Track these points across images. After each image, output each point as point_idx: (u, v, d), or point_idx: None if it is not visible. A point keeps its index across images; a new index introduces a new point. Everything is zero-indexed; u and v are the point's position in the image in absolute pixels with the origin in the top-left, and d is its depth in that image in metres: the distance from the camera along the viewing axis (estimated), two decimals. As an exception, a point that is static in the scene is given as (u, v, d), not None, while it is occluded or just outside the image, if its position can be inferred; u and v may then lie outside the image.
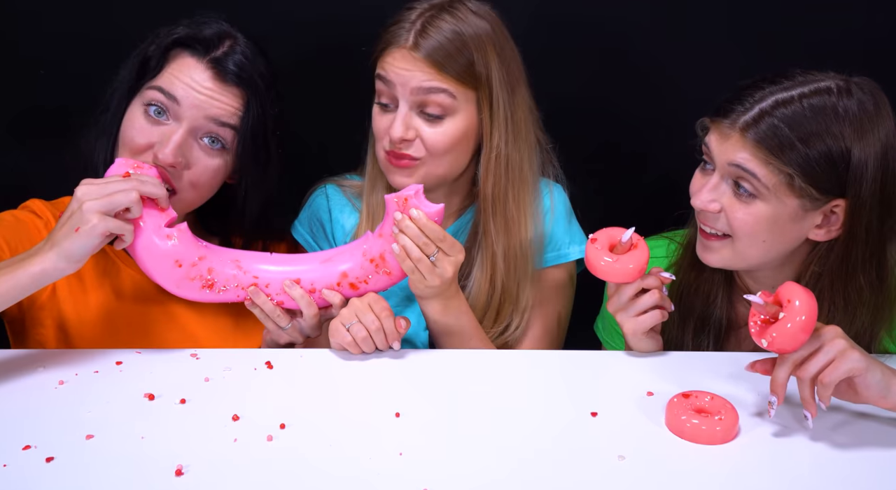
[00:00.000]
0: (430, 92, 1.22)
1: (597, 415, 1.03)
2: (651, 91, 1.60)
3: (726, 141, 1.11)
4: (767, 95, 1.10)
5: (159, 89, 1.18)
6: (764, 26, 1.35)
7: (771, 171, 1.08)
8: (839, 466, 0.94)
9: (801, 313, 0.96)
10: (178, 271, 1.14)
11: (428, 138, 1.24)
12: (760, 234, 1.13)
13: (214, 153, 1.21)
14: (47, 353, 1.18)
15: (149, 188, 1.09)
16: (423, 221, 1.13)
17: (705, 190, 1.14)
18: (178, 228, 1.14)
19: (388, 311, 1.16)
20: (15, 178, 1.42)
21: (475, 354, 1.20)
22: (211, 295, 1.17)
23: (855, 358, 0.96)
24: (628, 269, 1.12)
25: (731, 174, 1.12)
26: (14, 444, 0.95)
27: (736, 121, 1.10)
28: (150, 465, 0.92)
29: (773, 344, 0.97)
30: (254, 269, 1.17)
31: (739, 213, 1.12)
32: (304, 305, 1.16)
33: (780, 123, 1.08)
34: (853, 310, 1.15)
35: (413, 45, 1.20)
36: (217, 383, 1.10)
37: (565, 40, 1.58)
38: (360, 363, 1.16)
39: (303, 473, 0.92)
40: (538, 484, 0.91)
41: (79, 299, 1.27)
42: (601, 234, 1.16)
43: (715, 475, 0.93)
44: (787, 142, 1.07)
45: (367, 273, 1.18)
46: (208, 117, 1.18)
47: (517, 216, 1.30)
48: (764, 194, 1.10)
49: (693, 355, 1.21)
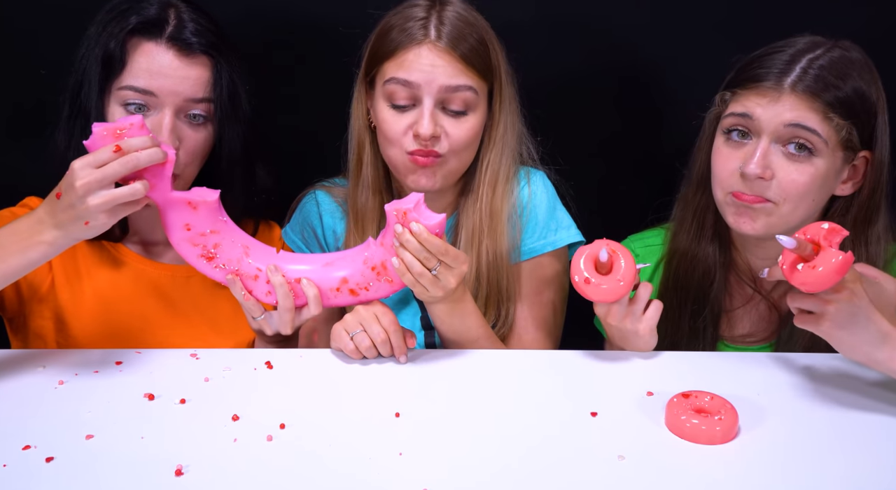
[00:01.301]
0: (458, 90, 1.21)
1: (597, 415, 1.03)
2: (651, 82, 1.61)
3: (776, 103, 1.11)
4: (797, 56, 1.12)
5: (132, 88, 1.19)
6: (764, 24, 1.36)
7: (831, 127, 1.10)
8: (839, 466, 0.94)
9: (833, 270, 0.95)
10: (185, 232, 1.13)
11: (453, 134, 1.23)
12: (811, 194, 1.13)
13: (199, 126, 1.23)
14: (47, 353, 1.18)
15: (145, 158, 1.04)
16: (424, 236, 1.09)
17: (755, 158, 1.12)
18: (205, 201, 1.12)
19: (395, 325, 1.14)
20: (14, 177, 1.42)
21: (475, 354, 1.20)
22: (205, 266, 1.16)
23: (822, 329, 1.00)
24: (622, 284, 1.11)
25: (784, 136, 1.12)
26: (14, 444, 0.95)
27: (781, 80, 1.11)
28: (150, 465, 0.92)
29: (795, 280, 0.97)
30: (260, 260, 1.16)
31: (794, 174, 1.12)
32: (280, 294, 1.14)
33: (822, 72, 1.10)
34: (873, 260, 1.18)
35: (437, 38, 1.20)
36: (217, 383, 1.10)
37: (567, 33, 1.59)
38: (360, 363, 1.16)
39: (303, 473, 0.92)
40: (538, 484, 0.90)
41: (76, 290, 1.28)
42: (578, 264, 1.13)
43: (715, 475, 0.93)
44: (833, 85, 1.10)
45: (368, 280, 1.16)
46: (187, 98, 1.20)
47: (501, 208, 1.31)
48: (821, 150, 1.11)
49: (693, 355, 1.21)
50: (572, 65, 1.61)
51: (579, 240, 1.36)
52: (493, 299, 1.32)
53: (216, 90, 1.22)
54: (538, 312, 1.35)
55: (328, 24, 1.52)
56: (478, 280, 1.31)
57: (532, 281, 1.35)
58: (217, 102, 1.23)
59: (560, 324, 1.39)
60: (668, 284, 1.27)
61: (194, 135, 1.23)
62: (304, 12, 1.55)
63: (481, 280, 1.31)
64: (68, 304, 1.27)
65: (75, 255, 1.28)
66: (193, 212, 1.12)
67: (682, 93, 1.24)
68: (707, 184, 1.22)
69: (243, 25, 1.45)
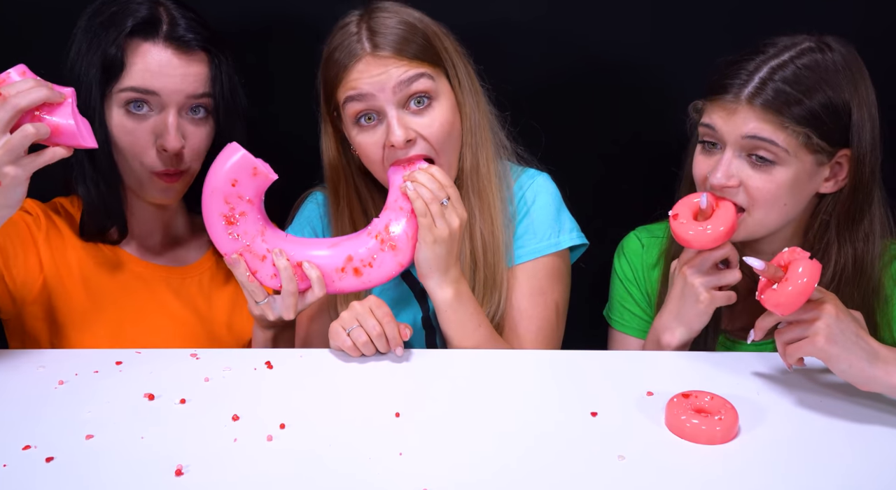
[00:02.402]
0: (411, 81, 1.20)
1: (597, 415, 1.03)
2: (652, 82, 1.62)
3: (734, 115, 1.13)
4: (761, 65, 1.13)
5: (134, 90, 1.19)
6: (764, 24, 1.36)
7: (788, 135, 1.11)
8: (839, 466, 0.94)
9: (801, 278, 0.98)
10: (228, 187, 1.12)
11: (427, 130, 1.22)
12: (781, 199, 1.15)
13: (201, 122, 1.24)
14: (47, 353, 1.18)
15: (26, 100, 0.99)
16: (432, 169, 1.16)
17: (720, 168, 1.15)
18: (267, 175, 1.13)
19: (389, 316, 1.15)
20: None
21: (475, 354, 1.20)
22: (220, 228, 1.14)
23: (818, 346, 1.00)
24: (719, 232, 1.13)
25: (745, 147, 1.13)
26: (14, 444, 0.95)
27: (739, 94, 1.13)
28: (150, 465, 0.92)
29: (768, 302, 1.01)
30: (272, 241, 1.16)
31: (759, 182, 1.14)
32: (285, 278, 1.15)
33: (783, 85, 1.11)
34: (861, 257, 1.19)
35: (373, 47, 1.19)
36: (217, 383, 1.10)
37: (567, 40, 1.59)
38: (360, 363, 1.16)
39: (303, 473, 0.92)
40: (538, 483, 0.90)
41: (70, 291, 1.28)
42: (679, 207, 1.17)
43: (715, 475, 0.93)
44: (795, 99, 1.11)
45: (372, 253, 1.17)
46: (189, 95, 1.21)
47: (487, 184, 1.31)
48: (783, 158, 1.12)
49: (693, 355, 1.21)
50: (571, 65, 1.61)
51: (583, 242, 1.37)
52: (489, 285, 1.33)
53: (216, 85, 1.23)
54: (541, 312, 1.35)
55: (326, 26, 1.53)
56: (474, 262, 1.31)
57: (535, 281, 1.35)
58: (217, 97, 1.24)
59: (562, 327, 1.39)
60: (669, 279, 1.28)
61: (197, 131, 1.24)
62: (302, 13, 1.56)
63: (478, 263, 1.31)
64: (62, 305, 1.27)
65: (70, 257, 1.28)
66: (252, 176, 1.12)
67: (684, 93, 1.24)
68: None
69: (235, 24, 1.45)
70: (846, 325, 1.01)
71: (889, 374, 1.00)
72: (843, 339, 1.00)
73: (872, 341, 1.02)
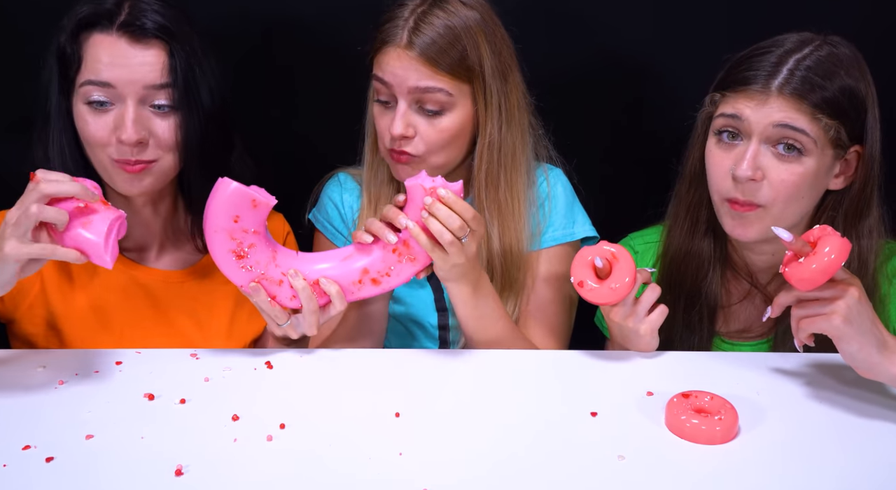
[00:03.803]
0: (428, 91, 1.22)
1: (597, 415, 1.03)
2: (655, 80, 1.62)
3: (763, 105, 1.12)
4: (785, 57, 1.14)
5: (90, 82, 1.17)
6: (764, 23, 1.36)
7: (819, 127, 1.12)
8: (839, 466, 0.94)
9: (826, 256, 0.98)
10: (230, 223, 1.10)
11: (426, 134, 1.24)
12: (801, 192, 1.15)
13: (166, 115, 1.20)
14: (47, 353, 1.18)
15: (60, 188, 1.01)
16: (451, 199, 1.11)
17: (746, 160, 1.13)
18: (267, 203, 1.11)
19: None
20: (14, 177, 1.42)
21: (475, 354, 1.20)
22: (231, 263, 1.13)
23: (834, 324, 1.00)
24: (622, 285, 1.13)
25: (773, 137, 1.13)
26: (14, 444, 0.95)
27: (768, 84, 1.13)
28: (150, 465, 0.92)
29: (789, 276, 1.00)
30: (285, 265, 1.15)
31: (784, 173, 1.13)
32: (304, 298, 1.14)
33: (809, 74, 1.12)
34: (865, 254, 1.19)
35: (407, 44, 1.21)
36: (217, 383, 1.10)
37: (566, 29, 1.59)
38: (360, 363, 1.16)
39: (303, 473, 0.92)
40: (538, 483, 0.90)
41: (67, 296, 1.27)
42: (578, 271, 1.16)
43: (715, 475, 0.93)
44: (820, 87, 1.12)
45: (389, 265, 1.15)
46: (146, 86, 1.18)
47: (510, 201, 1.32)
48: (810, 149, 1.13)
49: (693, 355, 1.21)
50: (574, 61, 1.61)
51: (594, 234, 1.39)
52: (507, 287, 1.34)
53: (171, 75, 1.19)
54: (554, 297, 1.36)
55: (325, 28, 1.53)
56: (491, 271, 1.32)
57: (549, 267, 1.36)
58: (174, 85, 1.19)
59: (572, 313, 1.40)
60: (663, 280, 1.28)
61: (162, 123, 1.20)
62: (301, 12, 1.56)
63: (495, 273, 1.32)
64: (59, 309, 1.26)
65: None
66: (252, 209, 1.10)
67: (683, 89, 1.25)
68: (699, 180, 1.24)
69: (239, 26, 1.45)
70: (865, 310, 1.01)
71: (894, 364, 1.01)
72: (859, 322, 1.00)
73: (885, 331, 1.03)
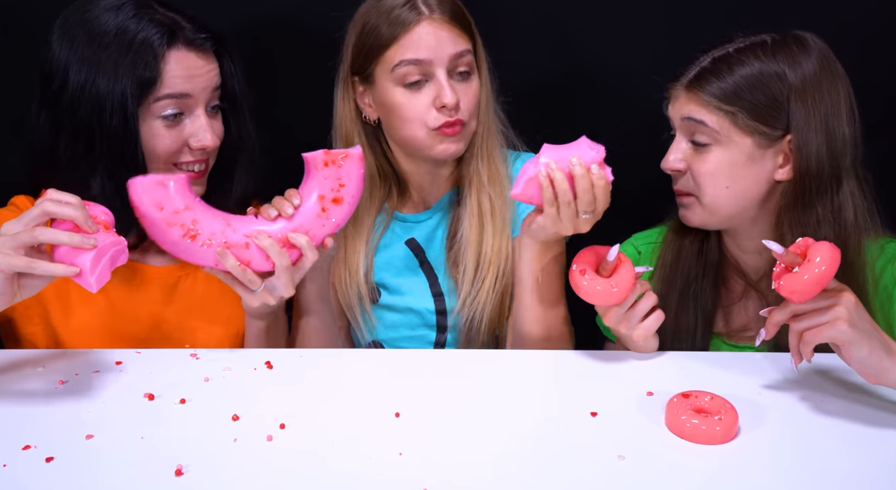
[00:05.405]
0: (461, 55, 1.26)
1: (597, 415, 1.03)
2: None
3: (676, 101, 1.22)
4: (707, 56, 1.20)
5: (169, 96, 1.19)
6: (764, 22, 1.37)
7: (716, 115, 1.16)
8: (839, 466, 0.94)
9: (818, 266, 0.98)
10: (159, 213, 1.09)
11: (465, 97, 1.28)
12: (721, 181, 1.19)
13: (217, 115, 1.27)
14: (47, 353, 1.18)
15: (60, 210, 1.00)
16: (598, 181, 1.11)
17: (670, 153, 1.23)
18: (175, 176, 1.11)
19: None
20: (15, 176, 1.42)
21: (475, 354, 1.21)
22: (191, 247, 1.11)
23: (842, 329, 0.99)
24: (622, 289, 1.12)
25: (687, 131, 1.21)
26: (14, 444, 0.95)
27: (682, 81, 1.20)
28: (150, 465, 0.92)
29: (783, 290, 1.00)
30: (243, 228, 1.13)
31: (698, 164, 1.20)
32: (274, 254, 1.12)
33: (713, 66, 1.18)
34: None
35: (431, 11, 1.24)
36: (217, 383, 1.10)
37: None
38: (360, 363, 1.16)
39: (303, 473, 0.92)
40: (538, 483, 0.91)
41: (63, 295, 1.27)
42: (582, 258, 1.15)
43: (715, 475, 0.93)
44: (720, 78, 1.16)
45: (336, 178, 1.14)
46: (211, 89, 1.24)
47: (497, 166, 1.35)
48: (717, 139, 1.18)
49: (693, 355, 1.21)
50: (569, 63, 1.61)
51: None
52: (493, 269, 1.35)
53: (227, 77, 1.26)
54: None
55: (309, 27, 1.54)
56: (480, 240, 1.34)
57: None
58: (229, 88, 1.27)
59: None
60: (658, 279, 1.28)
61: (218, 125, 1.27)
62: (286, 13, 1.57)
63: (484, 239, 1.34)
64: (56, 310, 1.26)
65: None
66: (164, 189, 1.09)
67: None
68: None
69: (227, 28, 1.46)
70: (864, 314, 1.00)
71: None
72: (862, 326, 0.99)
73: (885, 334, 1.02)
